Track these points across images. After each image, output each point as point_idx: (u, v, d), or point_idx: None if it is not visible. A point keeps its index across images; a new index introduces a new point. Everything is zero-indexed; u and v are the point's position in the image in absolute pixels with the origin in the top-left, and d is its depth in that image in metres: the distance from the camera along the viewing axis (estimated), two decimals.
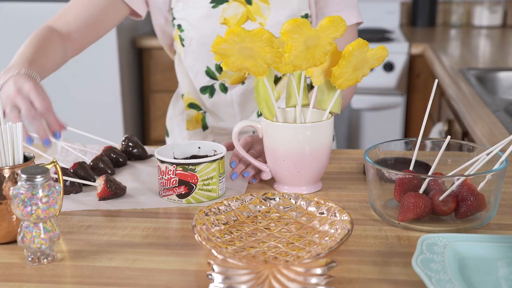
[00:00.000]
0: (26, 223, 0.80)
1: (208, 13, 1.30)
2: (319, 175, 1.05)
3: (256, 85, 1.03)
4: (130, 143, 1.22)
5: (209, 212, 0.88)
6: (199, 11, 1.30)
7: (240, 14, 1.29)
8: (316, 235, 0.85)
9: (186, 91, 1.43)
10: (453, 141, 0.99)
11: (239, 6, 1.29)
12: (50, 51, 1.21)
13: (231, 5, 1.29)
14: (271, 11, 1.29)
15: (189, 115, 1.45)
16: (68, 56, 1.30)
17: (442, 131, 2.06)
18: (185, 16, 1.32)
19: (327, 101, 1.06)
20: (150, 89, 2.97)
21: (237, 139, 1.06)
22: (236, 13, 1.29)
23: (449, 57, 2.41)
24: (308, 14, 1.32)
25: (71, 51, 1.30)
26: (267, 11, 1.29)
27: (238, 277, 0.71)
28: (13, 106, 1.01)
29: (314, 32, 0.95)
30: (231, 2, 1.29)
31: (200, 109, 1.44)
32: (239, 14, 1.29)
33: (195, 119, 1.45)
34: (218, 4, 1.30)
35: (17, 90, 1.02)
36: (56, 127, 1.04)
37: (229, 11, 1.29)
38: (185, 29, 1.33)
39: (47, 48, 1.21)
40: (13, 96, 1.01)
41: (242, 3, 1.29)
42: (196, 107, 1.44)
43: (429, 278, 0.71)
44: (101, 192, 1.01)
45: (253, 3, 1.29)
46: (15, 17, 2.70)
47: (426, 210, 0.88)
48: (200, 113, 1.44)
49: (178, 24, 1.34)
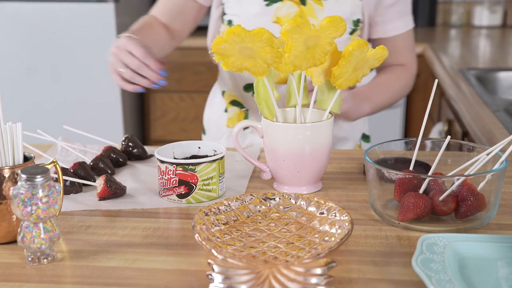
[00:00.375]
0: (26, 223, 0.80)
1: (261, 11, 1.30)
2: (319, 175, 1.05)
3: (256, 85, 1.03)
4: (130, 143, 1.22)
5: (209, 212, 0.88)
6: (252, 8, 1.31)
7: (293, 13, 1.29)
8: (316, 235, 0.85)
9: (228, 88, 1.44)
10: (453, 141, 0.99)
11: (292, 6, 1.29)
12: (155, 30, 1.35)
13: (285, 4, 1.29)
14: (325, 13, 1.29)
15: (231, 112, 1.46)
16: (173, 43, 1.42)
17: (442, 131, 2.06)
18: (238, 12, 1.32)
19: (327, 101, 1.06)
20: (150, 89, 2.97)
21: (237, 139, 1.06)
22: (289, 12, 1.29)
23: (449, 57, 2.41)
24: (360, 19, 1.33)
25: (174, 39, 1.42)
26: (321, 12, 1.30)
27: (238, 277, 0.71)
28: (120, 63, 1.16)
29: (314, 32, 0.95)
30: (285, 1, 1.29)
31: (243, 107, 1.45)
32: (292, 13, 1.29)
33: (238, 117, 1.46)
34: (272, 2, 1.30)
35: (116, 48, 1.17)
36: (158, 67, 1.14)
37: (283, 10, 1.29)
38: None
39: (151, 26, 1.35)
40: (116, 54, 1.16)
41: (296, 3, 1.29)
42: (238, 105, 1.45)
43: (429, 278, 0.71)
44: (101, 192, 1.01)
45: (307, 4, 1.29)
46: (15, 17, 2.70)
47: (426, 210, 0.88)
48: (243, 111, 1.45)
49: (228, 20, 1.35)
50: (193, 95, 2.94)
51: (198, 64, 2.91)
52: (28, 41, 2.72)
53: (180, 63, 2.90)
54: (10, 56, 2.74)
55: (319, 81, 1.04)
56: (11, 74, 2.76)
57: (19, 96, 2.77)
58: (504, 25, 3.24)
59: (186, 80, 2.92)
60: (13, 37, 2.72)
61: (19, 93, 2.77)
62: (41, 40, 2.71)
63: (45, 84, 2.76)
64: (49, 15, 2.69)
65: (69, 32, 2.69)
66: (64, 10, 2.68)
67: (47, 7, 2.69)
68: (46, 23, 2.70)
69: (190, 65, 2.90)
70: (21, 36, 2.72)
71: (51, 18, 2.69)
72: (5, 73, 2.76)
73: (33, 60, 2.73)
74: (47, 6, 2.68)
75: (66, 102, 2.77)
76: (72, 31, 2.69)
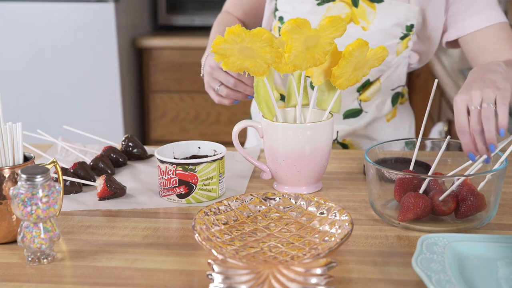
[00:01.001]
0: (26, 223, 0.80)
1: (313, 10, 1.30)
2: (319, 175, 1.05)
3: (256, 85, 1.03)
4: (130, 143, 1.22)
5: (209, 212, 0.88)
6: (304, 6, 1.31)
7: (344, 15, 1.28)
8: (316, 235, 0.85)
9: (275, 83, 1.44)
10: (453, 141, 0.99)
11: (344, 7, 1.28)
12: None
13: (336, 5, 1.28)
14: (376, 16, 1.28)
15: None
16: None
17: (442, 131, 2.06)
18: (289, 9, 1.33)
19: (327, 101, 1.06)
20: (150, 89, 2.97)
21: (237, 138, 1.06)
22: (340, 13, 1.28)
23: (449, 57, 2.41)
24: (413, 25, 1.30)
25: None
26: (372, 15, 1.28)
27: (238, 277, 0.71)
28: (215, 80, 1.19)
29: (314, 32, 0.95)
30: (337, 2, 1.28)
31: None
32: (343, 14, 1.28)
33: None
34: (323, 2, 1.29)
35: (210, 67, 1.20)
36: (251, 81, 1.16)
37: (334, 11, 1.28)
38: None
39: None
40: (210, 73, 1.19)
41: (348, 4, 1.28)
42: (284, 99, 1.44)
43: (429, 278, 0.71)
44: (101, 191, 1.01)
45: (359, 6, 1.28)
46: (15, 17, 2.70)
47: (426, 210, 0.88)
48: None
49: (280, 16, 1.35)
50: (193, 95, 2.94)
51: (198, 64, 2.90)
52: (28, 41, 2.72)
53: (180, 63, 2.90)
54: (10, 56, 2.74)
55: (319, 81, 1.04)
56: (11, 74, 2.76)
57: (19, 96, 2.77)
58: None
59: (186, 80, 2.92)
60: (13, 37, 2.72)
61: (19, 93, 2.76)
62: (41, 40, 2.71)
63: (45, 84, 2.76)
64: (49, 15, 2.69)
65: (69, 32, 2.69)
66: (64, 10, 2.68)
67: (47, 7, 2.68)
68: (46, 23, 2.70)
69: (190, 65, 2.90)
70: (21, 36, 2.72)
71: (51, 18, 2.69)
72: (5, 73, 2.76)
73: (33, 60, 2.73)
74: (47, 6, 2.68)
75: (66, 102, 2.77)
76: (72, 31, 2.69)
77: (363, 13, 1.28)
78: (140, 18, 3.00)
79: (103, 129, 2.75)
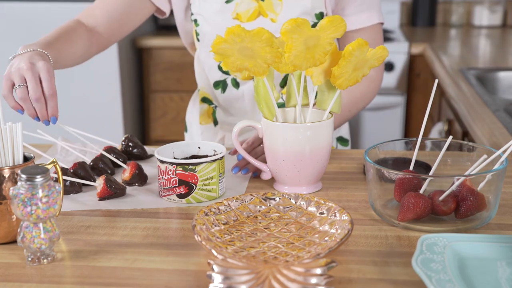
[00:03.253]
0: (26, 223, 0.80)
1: (222, 8, 1.31)
2: (319, 175, 1.05)
3: (256, 85, 1.03)
4: (130, 143, 1.22)
5: (209, 212, 0.88)
6: (213, 6, 1.32)
7: (252, 9, 1.30)
8: (316, 235, 0.85)
9: (201, 86, 1.46)
10: (453, 141, 0.99)
11: (251, 2, 1.30)
12: (73, 41, 1.25)
13: (243, 1, 1.30)
14: (283, 7, 1.30)
15: (202, 109, 1.47)
16: (93, 51, 1.34)
17: (442, 131, 2.06)
18: (201, 11, 1.34)
19: (327, 101, 1.06)
20: (150, 89, 2.98)
21: (237, 138, 1.06)
22: (248, 8, 1.30)
23: (449, 57, 2.41)
24: (323, 12, 1.31)
25: (96, 46, 1.35)
26: (279, 7, 1.30)
27: (238, 277, 0.71)
28: (22, 79, 1.03)
29: (314, 32, 0.95)
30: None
31: (212, 103, 1.45)
32: (251, 9, 1.30)
33: (207, 113, 1.47)
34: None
35: (30, 65, 1.04)
36: (55, 112, 1.06)
37: (242, 7, 1.30)
38: (200, 24, 1.35)
39: (69, 37, 1.25)
40: (25, 69, 1.03)
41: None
42: (208, 101, 1.46)
43: (429, 278, 0.71)
44: (101, 191, 1.01)
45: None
46: (15, 17, 2.70)
47: (426, 210, 0.88)
48: (211, 107, 1.46)
49: (194, 19, 1.36)
50: None
51: None
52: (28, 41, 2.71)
53: (180, 63, 2.90)
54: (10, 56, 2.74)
55: (319, 81, 1.04)
56: None
57: None
58: (504, 25, 3.24)
59: (186, 80, 2.92)
60: (13, 37, 2.72)
61: None
62: None
63: None
64: (49, 15, 2.69)
65: None
66: (64, 10, 2.68)
67: (47, 7, 2.69)
68: (46, 23, 2.70)
69: (190, 65, 2.89)
70: (21, 36, 2.72)
71: (50, 18, 2.69)
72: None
73: None
74: (47, 6, 2.68)
75: (66, 102, 2.77)
76: None
77: (270, 5, 1.30)
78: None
79: (103, 129, 2.74)
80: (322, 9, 1.31)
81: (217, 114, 1.45)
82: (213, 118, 1.46)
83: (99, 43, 1.35)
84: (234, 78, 1.38)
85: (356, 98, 1.31)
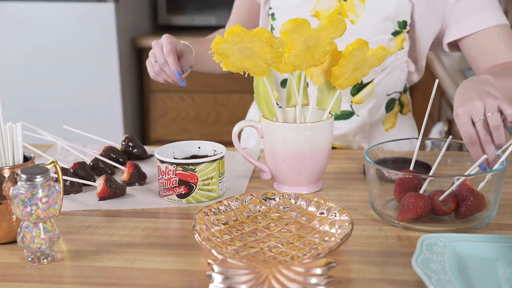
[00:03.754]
0: (26, 223, 0.80)
1: (302, 3, 1.30)
2: (319, 175, 1.05)
3: (256, 85, 1.03)
4: (130, 143, 1.22)
5: (209, 212, 0.88)
6: (293, 1, 1.31)
7: (332, 8, 1.28)
8: (316, 235, 0.85)
9: None
10: (453, 141, 0.99)
11: (333, 0, 1.28)
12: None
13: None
14: (366, 10, 1.27)
15: None
16: None
17: (442, 131, 2.06)
18: (280, 4, 1.33)
19: (327, 101, 1.06)
20: (150, 89, 2.97)
21: (237, 138, 1.06)
22: (329, 6, 1.28)
23: (449, 57, 2.41)
24: (407, 22, 1.27)
25: None
26: (361, 9, 1.27)
27: (238, 277, 0.71)
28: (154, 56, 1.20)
29: (314, 32, 0.95)
30: None
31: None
32: (332, 8, 1.28)
33: None
34: None
35: (155, 42, 1.22)
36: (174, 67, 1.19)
37: (323, 4, 1.28)
38: (277, 18, 1.34)
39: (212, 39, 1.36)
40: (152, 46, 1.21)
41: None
42: None
43: (429, 278, 0.71)
44: (101, 191, 1.01)
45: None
46: (15, 17, 2.70)
47: (426, 210, 0.88)
48: None
49: (272, 13, 1.35)
50: (193, 95, 2.94)
51: None
52: (28, 41, 2.72)
53: None
54: (10, 56, 2.74)
55: (319, 81, 1.04)
56: (11, 74, 2.76)
57: (19, 96, 2.76)
58: None
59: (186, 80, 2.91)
60: (13, 37, 2.72)
61: (19, 93, 2.76)
62: (41, 40, 2.71)
63: (45, 84, 2.76)
64: (49, 15, 2.69)
65: (69, 32, 2.69)
66: (64, 10, 2.68)
67: (47, 7, 2.68)
68: (46, 23, 2.70)
69: None
70: (21, 36, 2.72)
71: (51, 18, 2.69)
72: (5, 73, 2.76)
73: (33, 60, 2.73)
74: (47, 6, 2.68)
75: (66, 102, 2.77)
76: (72, 31, 2.69)
77: (352, 6, 1.27)
78: (140, 18, 3.00)
79: (103, 129, 2.74)
80: (407, 18, 1.27)
81: None
82: None
83: None
84: None
85: None
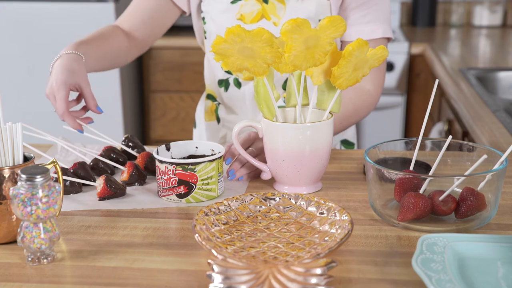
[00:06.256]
0: (26, 223, 0.80)
1: (227, 8, 1.33)
2: (319, 175, 1.05)
3: (256, 85, 1.03)
4: (130, 143, 1.22)
5: (209, 212, 0.88)
6: (220, 5, 1.34)
7: (256, 11, 1.32)
8: (316, 235, 0.85)
9: (208, 83, 1.48)
10: (453, 141, 0.99)
11: (255, 4, 1.32)
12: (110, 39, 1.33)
13: (248, 2, 1.32)
14: (286, 11, 1.31)
15: (206, 105, 1.50)
16: (134, 51, 1.42)
17: (442, 131, 2.06)
18: (209, 9, 1.37)
19: (327, 101, 1.06)
20: (150, 89, 2.97)
21: (237, 138, 1.06)
22: (252, 10, 1.32)
23: (449, 57, 2.41)
24: None
25: (135, 48, 1.42)
26: (282, 11, 1.31)
27: (238, 277, 0.71)
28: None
29: (314, 32, 0.95)
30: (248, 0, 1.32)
31: (215, 100, 1.47)
32: (255, 11, 1.32)
33: (210, 110, 1.49)
34: (236, 0, 1.33)
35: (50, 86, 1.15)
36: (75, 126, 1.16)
37: (246, 8, 1.32)
38: (207, 22, 1.38)
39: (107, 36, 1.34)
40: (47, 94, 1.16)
41: (259, 1, 1.32)
42: (212, 98, 1.48)
43: (429, 278, 0.71)
44: (101, 191, 1.01)
45: (269, 2, 1.31)
46: (15, 17, 2.70)
47: (426, 210, 0.88)
48: (215, 104, 1.47)
49: (203, 17, 1.39)
50: (193, 95, 2.94)
51: (198, 64, 2.90)
52: (28, 41, 2.72)
53: (180, 63, 2.90)
54: (10, 56, 2.74)
55: (319, 81, 1.04)
56: (11, 74, 2.76)
57: (19, 96, 2.76)
58: (504, 25, 3.24)
59: (186, 80, 2.92)
60: (13, 37, 2.72)
61: (19, 93, 2.76)
62: (41, 40, 2.71)
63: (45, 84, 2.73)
64: (49, 15, 2.69)
65: (69, 32, 2.69)
66: (64, 10, 2.68)
67: (47, 7, 2.69)
68: (46, 23, 2.70)
69: (190, 65, 2.90)
70: (21, 36, 2.72)
71: (51, 18, 2.69)
72: (5, 73, 2.76)
73: (33, 60, 2.73)
74: (47, 6, 2.68)
75: None
76: (72, 31, 2.69)
77: (274, 9, 1.31)
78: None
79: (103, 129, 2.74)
80: (327, 15, 1.31)
81: (219, 111, 1.46)
82: (215, 115, 1.47)
83: (137, 44, 1.42)
84: (236, 78, 1.39)
85: (349, 113, 1.29)
